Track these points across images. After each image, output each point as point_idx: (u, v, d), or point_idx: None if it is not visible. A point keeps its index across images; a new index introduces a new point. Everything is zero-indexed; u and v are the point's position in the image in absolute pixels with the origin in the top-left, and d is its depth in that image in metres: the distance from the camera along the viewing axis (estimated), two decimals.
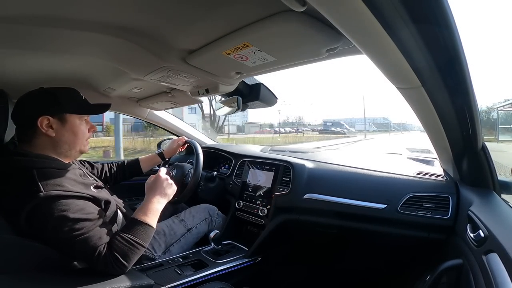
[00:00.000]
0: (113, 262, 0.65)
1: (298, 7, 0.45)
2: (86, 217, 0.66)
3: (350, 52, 0.70)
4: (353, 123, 50.67)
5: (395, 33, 0.42)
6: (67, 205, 0.64)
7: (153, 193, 0.83)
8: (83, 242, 0.63)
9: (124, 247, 0.67)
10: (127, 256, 0.67)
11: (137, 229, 0.72)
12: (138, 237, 0.71)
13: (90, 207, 0.69)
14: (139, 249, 0.71)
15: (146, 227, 0.74)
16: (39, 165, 0.67)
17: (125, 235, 0.70)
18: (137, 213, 0.77)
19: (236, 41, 0.65)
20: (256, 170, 1.32)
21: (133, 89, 1.29)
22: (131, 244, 0.69)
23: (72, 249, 0.65)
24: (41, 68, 1.02)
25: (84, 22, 0.64)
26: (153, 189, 0.84)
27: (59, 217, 0.62)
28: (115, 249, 0.66)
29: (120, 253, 0.66)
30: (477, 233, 0.61)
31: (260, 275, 1.09)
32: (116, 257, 0.65)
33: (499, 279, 0.47)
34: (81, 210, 0.66)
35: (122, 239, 0.69)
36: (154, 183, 0.86)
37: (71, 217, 0.63)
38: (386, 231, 0.93)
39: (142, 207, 0.79)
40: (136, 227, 0.73)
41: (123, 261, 0.66)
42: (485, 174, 0.79)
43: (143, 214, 0.76)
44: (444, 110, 0.64)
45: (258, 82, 1.13)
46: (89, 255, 0.64)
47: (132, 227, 0.73)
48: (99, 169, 1.11)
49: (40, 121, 0.70)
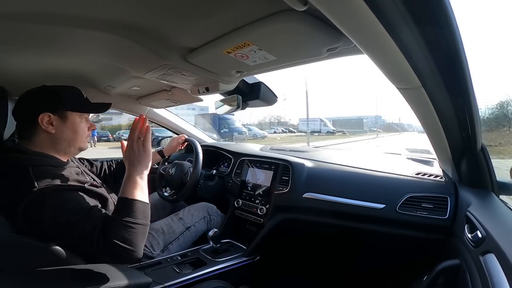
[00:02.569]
0: (115, 250, 0.63)
1: (299, 6, 0.45)
2: (79, 208, 0.65)
3: (350, 52, 0.70)
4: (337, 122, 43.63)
5: (396, 33, 0.42)
6: (61, 197, 0.64)
7: (128, 165, 0.75)
8: (79, 233, 0.63)
9: (120, 231, 0.65)
10: (126, 239, 0.65)
11: (129, 208, 0.68)
12: (132, 216, 0.68)
13: (83, 198, 0.68)
14: (136, 228, 0.67)
15: (138, 203, 0.70)
16: (36, 162, 0.68)
17: (118, 218, 0.67)
18: (121, 192, 0.72)
19: (236, 40, 0.65)
20: (255, 169, 1.32)
21: (133, 87, 1.29)
22: (124, 225, 0.66)
23: (70, 241, 0.64)
24: (41, 66, 1.02)
25: (84, 20, 0.63)
26: (126, 160, 0.76)
27: (53, 208, 0.62)
28: (111, 235, 0.64)
29: (118, 238, 0.64)
30: (475, 234, 0.61)
31: (259, 274, 1.09)
32: (115, 243, 0.63)
33: (495, 280, 0.47)
34: (75, 201, 0.66)
35: (115, 223, 0.66)
36: (127, 153, 0.77)
37: (65, 207, 0.63)
38: (384, 231, 0.94)
39: (123, 185, 0.73)
40: (128, 206, 0.69)
41: (125, 245, 0.64)
42: (484, 175, 0.80)
43: (125, 191, 0.71)
44: (444, 111, 0.64)
45: (259, 81, 1.13)
46: (88, 246, 0.63)
47: (123, 208, 0.69)
48: (98, 167, 1.11)
49: (41, 118, 0.70)
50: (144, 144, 0.76)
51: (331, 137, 22.06)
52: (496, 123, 8.30)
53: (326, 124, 28.33)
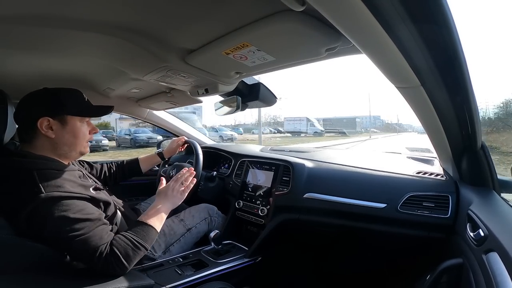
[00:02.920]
0: (114, 262, 0.65)
1: (298, 6, 0.45)
2: (86, 217, 0.66)
3: (349, 51, 0.70)
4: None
5: (394, 32, 0.42)
6: (68, 206, 0.64)
7: (161, 198, 0.84)
8: (84, 242, 0.63)
9: (126, 246, 0.67)
10: (128, 256, 0.67)
11: (140, 230, 0.73)
12: (140, 237, 0.71)
13: (90, 208, 0.69)
14: (141, 249, 0.70)
15: (149, 228, 0.75)
16: (39, 166, 0.67)
17: (128, 235, 0.70)
18: (142, 216, 0.78)
19: (235, 41, 0.65)
20: (256, 169, 1.32)
21: (132, 89, 1.29)
22: (133, 244, 0.69)
23: (72, 249, 0.64)
24: (40, 68, 1.02)
25: (83, 22, 0.64)
26: (162, 194, 0.86)
27: (59, 217, 0.62)
28: (117, 248, 0.66)
29: (122, 253, 0.66)
30: (477, 232, 0.61)
31: (261, 275, 1.09)
32: (118, 256, 0.65)
33: (499, 278, 0.47)
34: (81, 210, 0.66)
35: (125, 238, 0.69)
36: (165, 188, 0.87)
37: (72, 217, 0.63)
38: (386, 231, 0.93)
39: (147, 211, 0.80)
40: (139, 228, 0.73)
41: (124, 261, 0.66)
42: (485, 173, 0.79)
43: (147, 217, 0.77)
44: (444, 110, 0.64)
45: (258, 82, 1.13)
46: (90, 255, 0.64)
47: (135, 229, 0.73)
48: (98, 170, 1.11)
49: (40, 122, 0.70)
50: (184, 191, 0.88)
51: (316, 139, 20.24)
52: (503, 123, 8.03)
53: (313, 124, 26.81)
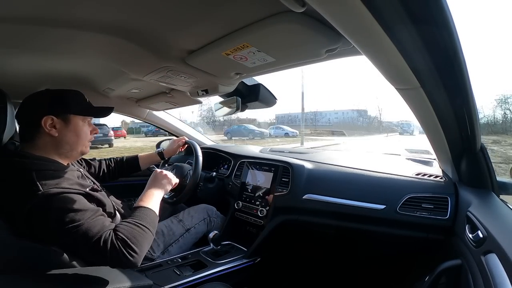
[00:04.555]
0: (123, 247, 0.63)
1: (298, 7, 0.46)
2: (85, 208, 0.65)
3: (349, 52, 0.71)
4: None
5: (394, 34, 0.42)
6: (66, 199, 0.64)
7: (150, 185, 0.87)
8: (86, 231, 0.62)
9: (131, 230, 0.66)
10: (135, 238, 0.65)
11: (143, 214, 0.73)
12: (145, 221, 0.71)
13: (87, 202, 0.69)
14: (147, 232, 0.69)
15: (148, 210, 0.75)
16: (38, 167, 0.67)
17: (130, 219, 0.70)
18: (137, 202, 0.79)
19: (235, 42, 0.65)
20: (255, 170, 1.32)
21: (132, 90, 1.29)
22: (137, 225, 0.68)
23: (76, 242, 0.63)
24: (40, 68, 1.02)
25: (83, 22, 0.64)
26: (151, 182, 0.89)
27: (59, 210, 0.62)
28: (122, 233, 0.64)
29: (128, 236, 0.64)
30: (476, 234, 0.61)
31: (260, 276, 1.09)
32: (125, 240, 0.63)
33: (497, 280, 0.47)
34: (80, 203, 0.66)
35: (127, 223, 0.68)
36: (153, 177, 0.91)
37: (71, 208, 0.63)
38: (385, 232, 0.94)
39: (140, 197, 0.81)
40: (139, 212, 0.74)
41: (133, 245, 0.64)
42: (484, 174, 0.80)
43: (142, 201, 0.79)
44: (443, 111, 0.64)
45: (258, 83, 1.13)
46: (95, 244, 0.62)
47: (137, 213, 0.73)
48: (96, 167, 1.11)
49: (44, 121, 0.71)
50: (172, 178, 0.95)
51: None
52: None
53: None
